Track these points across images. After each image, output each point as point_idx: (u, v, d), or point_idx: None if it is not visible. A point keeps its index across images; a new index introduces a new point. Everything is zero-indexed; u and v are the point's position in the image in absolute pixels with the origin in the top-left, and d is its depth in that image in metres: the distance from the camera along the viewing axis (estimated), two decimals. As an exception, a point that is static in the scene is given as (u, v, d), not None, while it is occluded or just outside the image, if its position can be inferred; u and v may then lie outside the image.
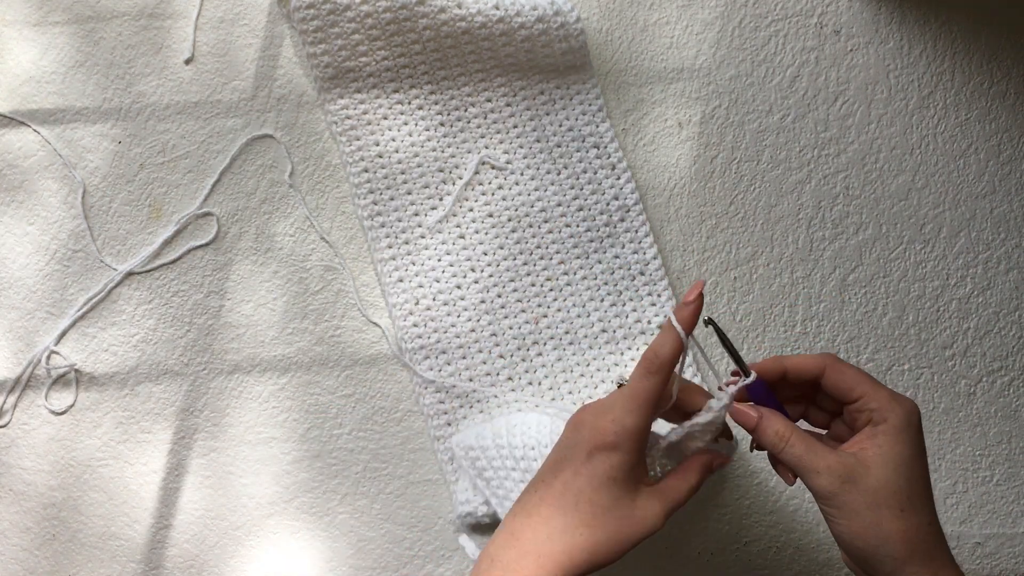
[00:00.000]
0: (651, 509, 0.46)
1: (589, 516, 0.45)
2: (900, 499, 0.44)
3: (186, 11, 0.73)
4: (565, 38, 0.71)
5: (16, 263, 0.69)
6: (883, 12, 0.76)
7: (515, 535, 0.45)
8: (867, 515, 0.44)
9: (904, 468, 0.44)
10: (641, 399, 0.45)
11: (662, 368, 0.46)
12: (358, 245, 0.70)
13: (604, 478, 0.45)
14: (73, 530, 0.66)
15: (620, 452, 0.45)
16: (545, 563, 0.44)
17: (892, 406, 0.45)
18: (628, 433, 0.45)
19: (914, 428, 0.45)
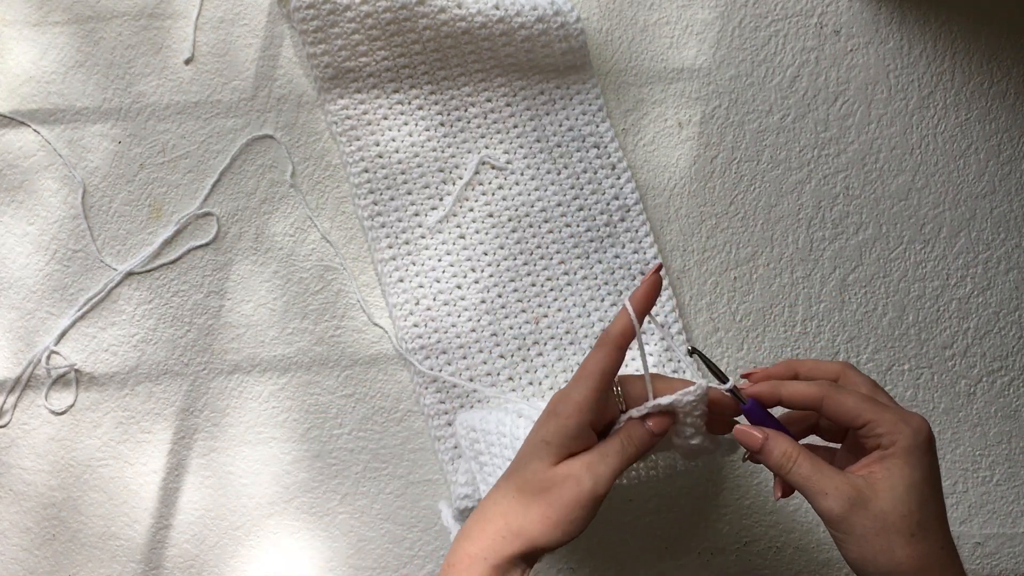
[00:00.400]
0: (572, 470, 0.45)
1: (520, 482, 0.46)
2: (910, 524, 0.43)
3: (186, 11, 0.73)
4: (565, 38, 0.71)
5: (16, 263, 0.69)
6: (883, 12, 0.76)
7: (478, 507, 0.48)
8: (876, 540, 0.43)
9: (915, 492, 0.43)
10: (587, 371, 0.46)
11: (608, 342, 0.46)
12: (358, 245, 0.70)
13: (539, 442, 0.46)
14: (73, 530, 0.66)
15: (557, 418, 0.46)
16: (487, 527, 0.46)
17: (900, 428, 0.44)
18: (568, 402, 0.46)
19: (924, 449, 0.44)
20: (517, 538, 0.45)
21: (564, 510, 0.45)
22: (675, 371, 0.67)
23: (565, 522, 0.45)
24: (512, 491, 0.46)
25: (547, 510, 0.45)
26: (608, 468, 0.46)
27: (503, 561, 0.45)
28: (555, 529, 0.45)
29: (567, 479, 0.45)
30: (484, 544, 0.46)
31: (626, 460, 0.46)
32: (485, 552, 0.45)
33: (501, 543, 0.45)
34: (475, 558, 0.45)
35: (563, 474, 0.45)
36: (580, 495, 0.45)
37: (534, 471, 0.46)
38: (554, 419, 0.46)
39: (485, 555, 0.45)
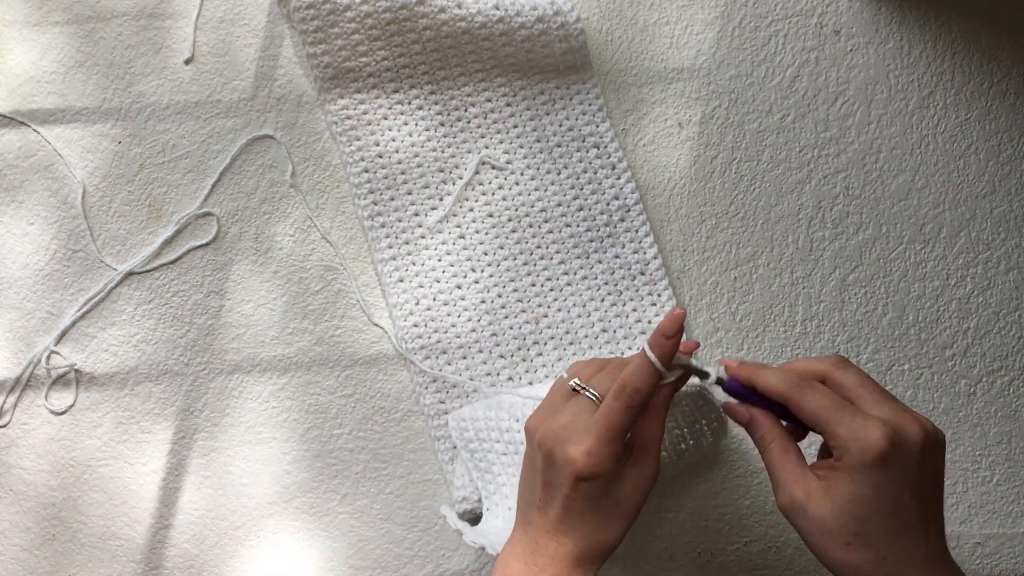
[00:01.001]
0: (642, 477, 0.48)
1: (599, 518, 0.48)
2: (845, 534, 0.43)
3: (186, 11, 0.73)
4: (565, 38, 0.71)
5: (16, 263, 0.69)
6: (883, 12, 0.76)
7: (538, 545, 0.49)
8: (814, 541, 0.45)
9: (854, 506, 0.43)
10: (616, 431, 0.47)
11: (641, 404, 0.47)
12: (358, 245, 0.70)
13: (596, 496, 0.47)
14: (73, 530, 0.66)
15: (604, 477, 0.47)
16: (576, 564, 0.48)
17: (851, 445, 0.43)
18: (607, 460, 0.47)
19: (872, 466, 0.43)
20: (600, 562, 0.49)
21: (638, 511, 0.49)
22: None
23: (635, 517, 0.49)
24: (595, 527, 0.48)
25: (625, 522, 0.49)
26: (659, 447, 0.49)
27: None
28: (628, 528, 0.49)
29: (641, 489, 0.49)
30: None
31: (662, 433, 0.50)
32: None
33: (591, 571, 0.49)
34: None
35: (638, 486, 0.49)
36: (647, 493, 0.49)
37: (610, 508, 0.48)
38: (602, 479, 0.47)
39: None
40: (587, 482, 0.47)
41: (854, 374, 0.47)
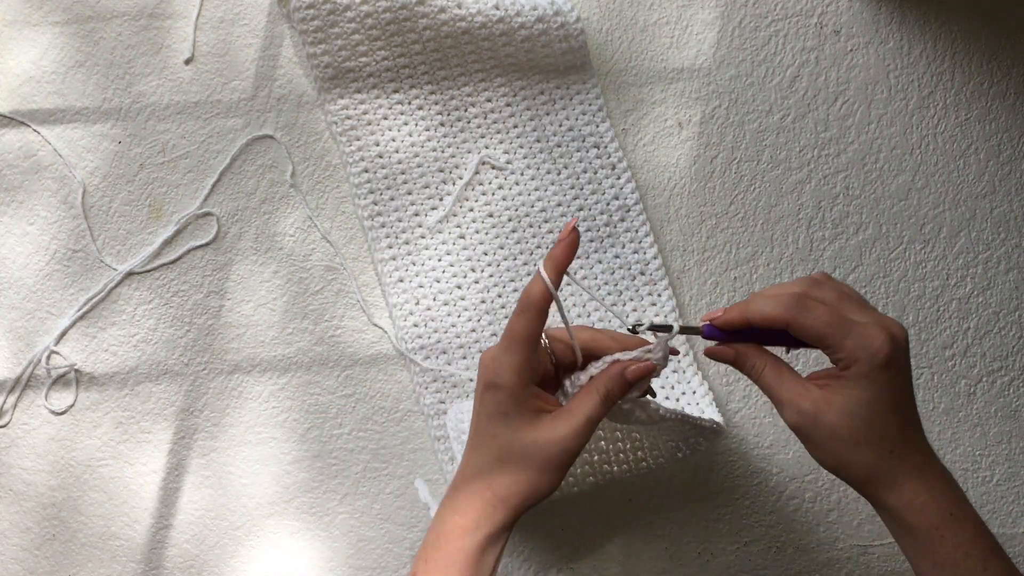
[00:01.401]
0: (558, 432, 0.48)
1: (496, 450, 0.48)
2: (858, 436, 0.45)
3: (186, 11, 0.73)
4: (565, 38, 0.71)
5: (16, 263, 0.69)
6: (883, 12, 0.76)
7: (453, 482, 0.50)
8: (826, 446, 0.47)
9: (864, 410, 0.45)
10: (513, 335, 0.48)
11: (531, 307, 0.47)
12: (358, 245, 0.70)
13: (496, 414, 0.48)
14: (73, 530, 0.66)
15: (503, 389, 0.47)
16: (473, 500, 0.48)
17: (857, 354, 0.45)
18: (508, 369, 0.47)
19: (880, 369, 0.45)
20: (505, 504, 0.48)
21: (552, 470, 0.48)
22: (684, 392, 0.67)
23: (552, 479, 0.48)
24: (492, 461, 0.48)
25: (533, 473, 0.48)
26: (587, 422, 0.48)
27: (496, 529, 0.48)
28: (543, 487, 0.48)
29: (550, 441, 0.47)
30: (474, 515, 0.48)
31: (601, 412, 0.49)
32: (477, 523, 0.48)
33: (492, 512, 0.48)
34: (466, 529, 0.48)
35: (545, 437, 0.48)
36: (566, 453, 0.48)
37: (509, 440, 0.48)
38: (500, 391, 0.48)
39: (477, 525, 0.48)
40: (490, 392, 0.48)
41: (831, 290, 0.48)
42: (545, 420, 0.48)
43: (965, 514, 0.46)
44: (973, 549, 0.45)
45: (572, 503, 0.66)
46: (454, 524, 0.48)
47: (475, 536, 0.48)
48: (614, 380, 0.49)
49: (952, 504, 0.46)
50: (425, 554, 0.49)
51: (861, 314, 0.46)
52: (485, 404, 0.48)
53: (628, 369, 0.49)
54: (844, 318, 0.46)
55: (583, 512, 0.67)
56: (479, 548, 0.48)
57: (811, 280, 0.48)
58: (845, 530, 0.68)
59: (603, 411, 0.49)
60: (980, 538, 0.46)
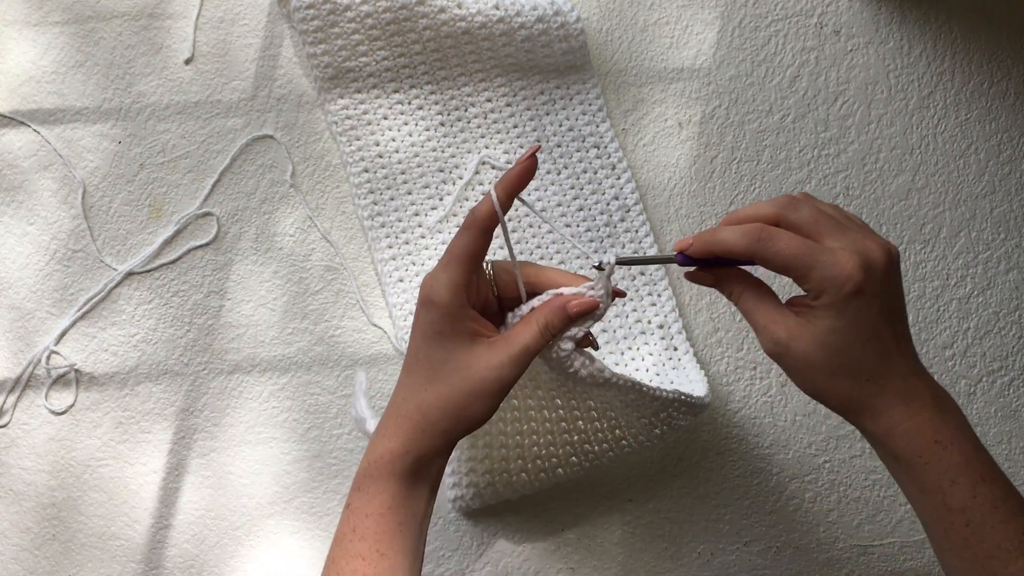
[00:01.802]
0: (493, 359, 0.46)
1: (428, 371, 0.47)
2: (832, 365, 0.45)
3: (186, 11, 0.73)
4: (565, 38, 0.71)
5: (16, 263, 0.69)
6: (883, 12, 0.76)
7: (389, 404, 0.49)
8: (802, 375, 0.46)
9: (834, 338, 0.44)
10: (453, 253, 0.46)
11: (474, 225, 0.46)
12: (358, 245, 0.70)
13: (431, 333, 0.47)
14: (73, 530, 0.66)
15: (437, 306, 0.46)
16: (403, 423, 0.47)
17: (826, 285, 0.44)
18: (443, 286, 0.46)
19: (848, 298, 0.44)
20: (436, 429, 0.47)
21: (484, 398, 0.46)
22: (675, 367, 0.68)
23: (485, 408, 0.47)
24: (422, 383, 0.47)
25: (466, 398, 0.46)
26: (523, 351, 0.46)
27: (427, 453, 0.47)
28: (474, 415, 0.47)
29: (484, 366, 0.46)
30: (404, 439, 0.47)
31: (539, 343, 0.47)
32: (407, 447, 0.47)
33: (422, 436, 0.47)
34: (397, 454, 0.47)
35: (480, 363, 0.46)
36: (500, 382, 0.46)
37: (442, 361, 0.46)
38: (434, 307, 0.46)
39: (407, 449, 0.47)
40: (425, 309, 0.46)
41: (807, 210, 0.46)
42: (481, 345, 0.47)
43: (953, 440, 0.45)
44: (960, 476, 0.44)
45: (572, 504, 0.66)
46: (384, 449, 0.47)
47: (404, 460, 0.46)
48: (555, 312, 0.47)
49: (939, 431, 0.45)
50: (358, 482, 0.48)
51: (837, 237, 0.44)
52: (420, 322, 0.47)
53: (570, 303, 0.47)
54: (812, 246, 0.44)
55: (583, 512, 0.67)
56: (410, 472, 0.47)
57: (787, 200, 0.47)
58: (845, 530, 0.68)
59: (541, 342, 0.47)
60: (969, 465, 0.44)
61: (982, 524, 0.44)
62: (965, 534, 0.44)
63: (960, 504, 0.44)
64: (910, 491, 0.46)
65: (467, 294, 0.47)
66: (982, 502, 0.44)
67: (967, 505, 0.44)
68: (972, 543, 0.44)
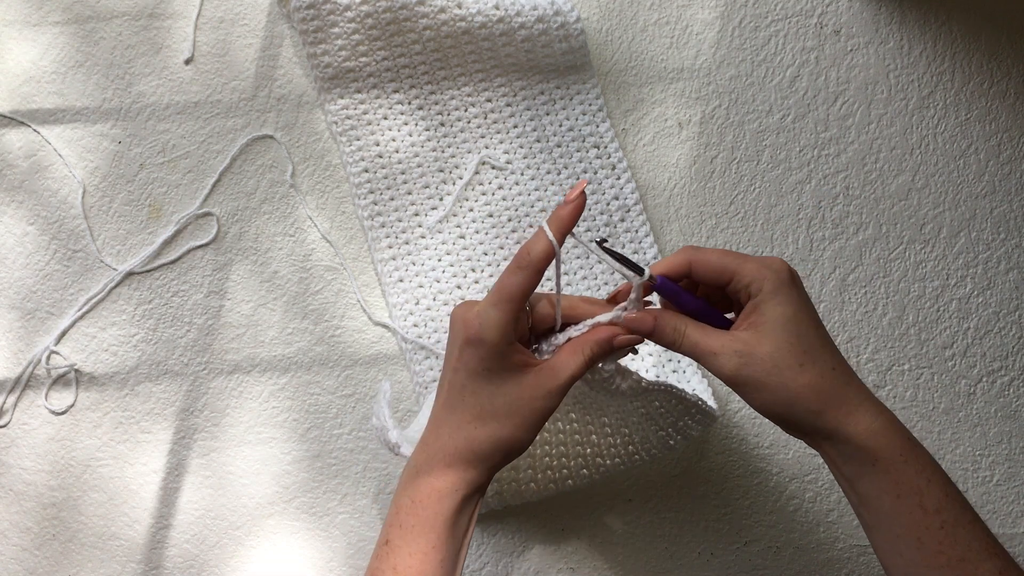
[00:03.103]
0: (540, 388, 0.47)
1: (476, 408, 0.47)
2: (797, 355, 0.45)
3: (186, 11, 0.73)
4: (565, 38, 0.71)
5: (16, 263, 0.69)
6: (883, 12, 0.76)
7: (424, 441, 0.48)
8: (772, 381, 0.45)
9: (791, 326, 0.45)
10: (506, 292, 0.46)
11: (530, 266, 0.46)
12: (358, 245, 0.70)
13: (479, 370, 0.47)
14: (73, 530, 0.66)
15: (488, 345, 0.46)
16: (452, 460, 0.47)
17: (763, 273, 0.46)
18: (495, 326, 0.46)
19: (788, 285, 0.46)
20: (486, 464, 0.47)
21: (534, 425, 0.47)
22: (675, 370, 0.67)
23: (530, 436, 0.47)
24: (471, 419, 0.47)
25: (515, 428, 0.47)
26: (569, 379, 0.47)
27: (473, 489, 0.47)
28: (523, 443, 0.47)
29: (533, 396, 0.47)
30: (454, 478, 0.47)
31: (582, 372, 0.48)
32: (456, 484, 0.47)
33: (472, 473, 0.47)
34: (445, 492, 0.47)
35: (531, 392, 0.47)
36: (548, 410, 0.47)
37: (492, 396, 0.47)
38: (484, 346, 0.46)
39: (456, 487, 0.47)
40: (473, 348, 0.46)
41: (711, 250, 0.48)
42: (530, 375, 0.47)
43: (916, 440, 0.45)
44: (934, 476, 0.44)
45: (572, 503, 0.66)
46: (430, 487, 0.47)
47: (453, 499, 0.47)
48: (600, 345, 0.48)
49: (905, 429, 0.45)
50: (400, 519, 0.47)
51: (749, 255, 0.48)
52: (466, 359, 0.47)
53: (617, 339, 0.48)
54: (735, 253, 0.47)
55: (583, 512, 0.67)
56: (456, 511, 0.47)
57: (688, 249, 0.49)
58: (845, 530, 0.68)
59: (584, 371, 0.48)
60: (936, 465, 0.45)
61: (956, 525, 0.43)
62: (940, 537, 0.43)
63: (935, 505, 0.44)
64: (884, 501, 0.45)
65: (514, 331, 0.47)
66: (953, 501, 0.44)
67: (941, 505, 0.44)
68: (946, 546, 0.43)
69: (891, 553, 0.45)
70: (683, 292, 0.49)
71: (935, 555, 0.43)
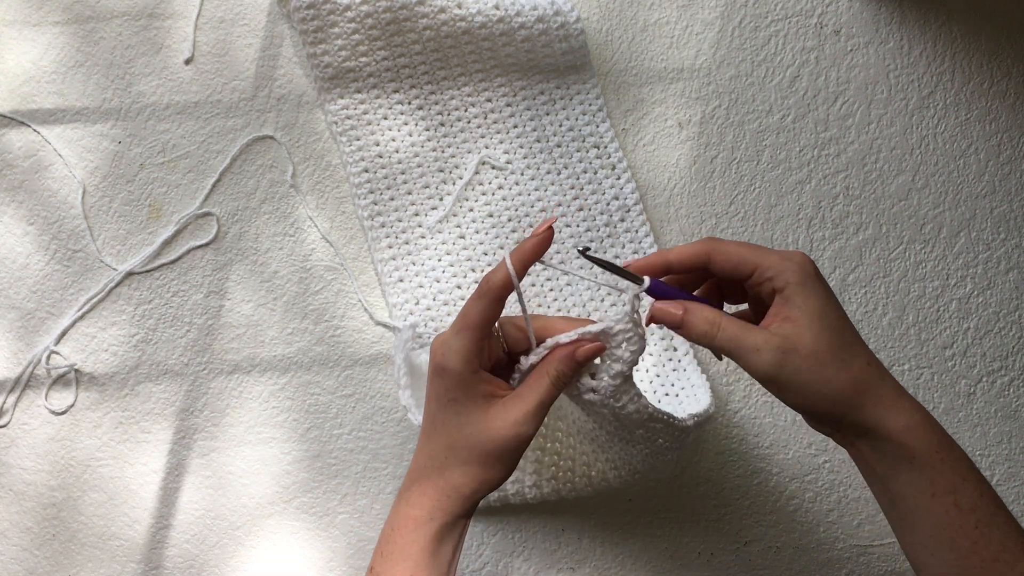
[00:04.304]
0: (508, 417, 0.46)
1: (446, 438, 0.47)
2: (836, 350, 0.44)
3: (186, 11, 0.73)
4: (565, 38, 0.71)
5: (16, 263, 0.69)
6: (883, 12, 0.76)
7: (410, 467, 0.49)
8: (814, 377, 0.43)
9: (826, 320, 0.44)
10: (467, 320, 0.46)
11: (489, 293, 0.46)
12: (358, 245, 0.70)
13: (446, 400, 0.47)
14: (73, 530, 0.66)
15: (450, 373, 0.46)
16: (426, 490, 0.47)
17: (786, 265, 0.44)
18: (456, 354, 0.46)
19: (814, 277, 0.45)
20: (459, 494, 0.47)
21: (504, 457, 0.47)
22: (675, 368, 0.68)
23: (506, 468, 0.47)
24: (442, 449, 0.47)
25: (484, 464, 0.47)
26: (538, 406, 0.46)
27: (450, 518, 0.47)
28: (496, 476, 0.47)
29: (501, 426, 0.46)
30: (428, 506, 0.47)
31: (552, 394, 0.47)
32: (431, 513, 0.47)
33: (446, 502, 0.47)
34: (420, 521, 0.47)
35: (496, 424, 0.46)
36: (519, 439, 0.46)
37: (459, 426, 0.47)
38: (447, 375, 0.46)
39: (431, 516, 0.47)
40: (439, 377, 0.46)
41: (731, 242, 0.47)
42: (496, 406, 0.47)
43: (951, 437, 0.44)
44: (969, 473, 0.43)
45: (572, 504, 0.66)
46: (407, 516, 0.47)
47: (429, 527, 0.47)
48: (563, 362, 0.47)
49: (939, 426, 0.44)
50: (381, 547, 0.48)
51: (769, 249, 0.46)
52: (435, 389, 0.47)
53: (578, 351, 0.47)
54: (756, 246, 0.46)
55: (583, 513, 0.67)
56: (435, 538, 0.47)
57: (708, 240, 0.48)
58: (845, 530, 0.68)
59: (555, 393, 0.47)
60: (970, 463, 0.44)
61: (990, 524, 0.43)
62: (974, 537, 0.43)
63: (970, 503, 0.43)
64: (919, 501, 0.43)
65: (479, 359, 0.47)
66: (987, 500, 0.43)
67: (976, 504, 0.43)
68: (980, 547, 0.43)
69: (923, 553, 0.44)
70: (679, 292, 0.47)
71: (968, 555, 0.43)
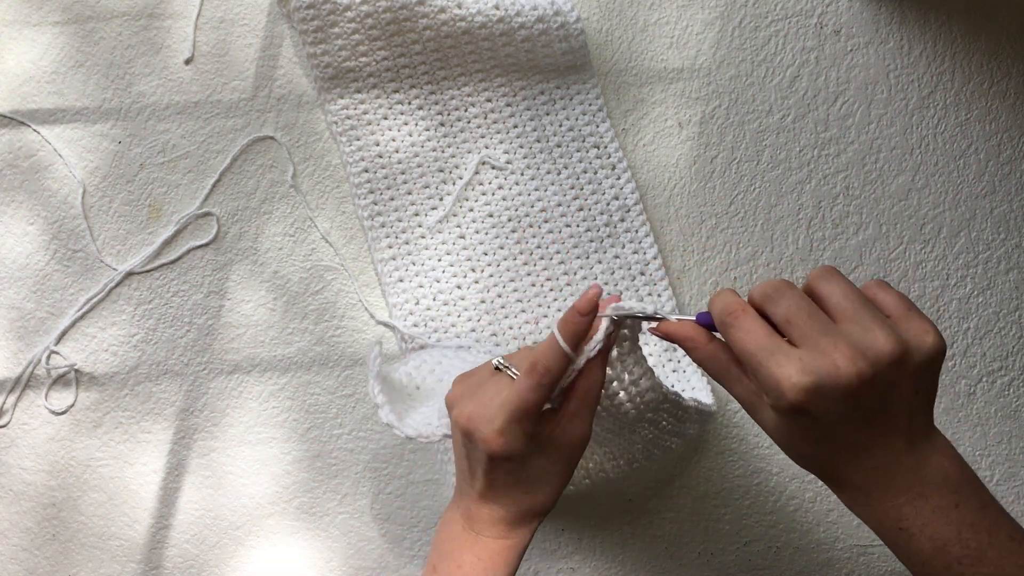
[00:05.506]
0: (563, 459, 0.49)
1: (525, 486, 0.49)
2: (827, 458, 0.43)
3: (186, 11, 0.73)
4: (565, 38, 0.71)
5: (16, 263, 0.69)
6: (883, 12, 0.76)
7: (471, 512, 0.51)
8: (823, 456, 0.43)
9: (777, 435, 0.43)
10: (527, 410, 0.46)
11: (552, 382, 0.46)
12: (358, 245, 0.70)
13: (515, 467, 0.48)
14: (73, 530, 0.66)
15: (516, 455, 0.47)
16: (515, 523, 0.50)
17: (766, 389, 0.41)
18: (518, 438, 0.47)
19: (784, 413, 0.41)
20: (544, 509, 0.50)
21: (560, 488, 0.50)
22: (675, 369, 0.68)
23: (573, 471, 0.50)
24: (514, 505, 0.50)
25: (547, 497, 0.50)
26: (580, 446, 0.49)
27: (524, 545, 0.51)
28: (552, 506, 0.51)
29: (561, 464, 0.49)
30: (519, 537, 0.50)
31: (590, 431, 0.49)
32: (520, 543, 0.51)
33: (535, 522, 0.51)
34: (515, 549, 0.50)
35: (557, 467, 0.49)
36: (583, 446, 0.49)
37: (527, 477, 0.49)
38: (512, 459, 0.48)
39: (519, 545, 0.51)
40: (501, 462, 0.47)
41: (838, 285, 0.42)
42: (552, 447, 0.48)
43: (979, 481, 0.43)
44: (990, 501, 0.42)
45: (572, 504, 0.66)
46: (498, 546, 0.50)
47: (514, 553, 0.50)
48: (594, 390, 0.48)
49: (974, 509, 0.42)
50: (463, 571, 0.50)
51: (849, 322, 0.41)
52: (501, 468, 0.48)
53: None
54: (766, 348, 0.41)
55: (583, 512, 0.67)
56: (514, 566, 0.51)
57: (822, 271, 0.43)
58: (845, 530, 0.68)
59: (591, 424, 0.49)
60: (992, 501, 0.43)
61: None
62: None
63: None
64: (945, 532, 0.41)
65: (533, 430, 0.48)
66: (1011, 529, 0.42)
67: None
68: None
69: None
70: None
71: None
